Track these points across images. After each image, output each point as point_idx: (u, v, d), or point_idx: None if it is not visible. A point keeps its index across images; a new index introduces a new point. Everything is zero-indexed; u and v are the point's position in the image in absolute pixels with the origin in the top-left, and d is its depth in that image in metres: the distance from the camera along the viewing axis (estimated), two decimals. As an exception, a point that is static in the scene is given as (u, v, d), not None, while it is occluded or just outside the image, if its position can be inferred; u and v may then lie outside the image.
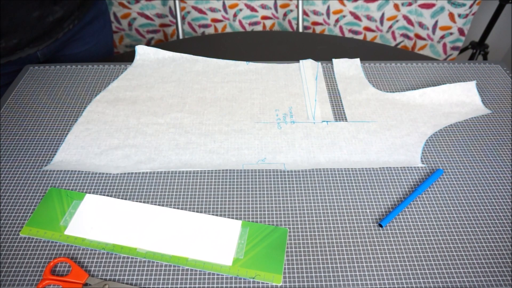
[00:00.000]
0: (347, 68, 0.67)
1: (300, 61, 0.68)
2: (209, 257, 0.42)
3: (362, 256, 0.42)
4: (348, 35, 1.40)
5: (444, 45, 1.36)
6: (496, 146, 0.54)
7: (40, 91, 0.62)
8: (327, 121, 0.58)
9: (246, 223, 0.45)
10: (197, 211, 0.46)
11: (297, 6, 1.13)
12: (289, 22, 1.33)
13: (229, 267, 0.41)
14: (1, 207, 0.47)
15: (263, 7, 1.29)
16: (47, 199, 0.47)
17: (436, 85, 0.61)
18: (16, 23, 0.64)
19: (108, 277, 0.41)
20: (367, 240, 0.44)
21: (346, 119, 0.58)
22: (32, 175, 0.50)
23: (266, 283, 0.40)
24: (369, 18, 1.33)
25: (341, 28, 1.39)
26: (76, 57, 0.79)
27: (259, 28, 1.36)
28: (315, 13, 1.35)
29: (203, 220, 0.46)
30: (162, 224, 0.45)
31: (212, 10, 1.38)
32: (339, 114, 0.59)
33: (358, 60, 0.68)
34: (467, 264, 0.42)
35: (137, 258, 0.42)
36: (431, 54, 1.39)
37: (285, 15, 1.31)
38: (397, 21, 1.34)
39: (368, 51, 0.73)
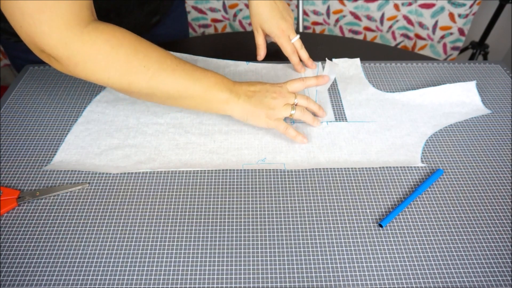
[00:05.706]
0: (347, 68, 0.67)
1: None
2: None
3: (362, 256, 0.42)
4: (348, 35, 1.40)
5: (444, 45, 1.36)
6: (496, 146, 0.54)
7: (40, 91, 0.62)
8: (327, 121, 0.57)
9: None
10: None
11: (297, 6, 1.13)
12: (289, 22, 1.33)
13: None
14: (1, 207, 0.47)
15: (263, 7, 1.29)
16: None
17: (436, 85, 0.61)
18: None
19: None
20: (367, 240, 0.44)
21: (346, 119, 0.58)
22: (32, 175, 0.50)
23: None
24: (369, 18, 1.33)
25: (341, 28, 1.39)
26: None
27: (259, 28, 1.36)
28: (315, 13, 1.35)
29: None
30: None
31: (212, 10, 1.38)
32: (339, 114, 0.59)
33: (358, 60, 0.68)
34: (467, 264, 0.42)
35: (137, 259, 0.42)
36: (431, 54, 1.39)
37: (285, 15, 1.31)
38: (397, 21, 1.34)
39: (368, 51, 0.73)
